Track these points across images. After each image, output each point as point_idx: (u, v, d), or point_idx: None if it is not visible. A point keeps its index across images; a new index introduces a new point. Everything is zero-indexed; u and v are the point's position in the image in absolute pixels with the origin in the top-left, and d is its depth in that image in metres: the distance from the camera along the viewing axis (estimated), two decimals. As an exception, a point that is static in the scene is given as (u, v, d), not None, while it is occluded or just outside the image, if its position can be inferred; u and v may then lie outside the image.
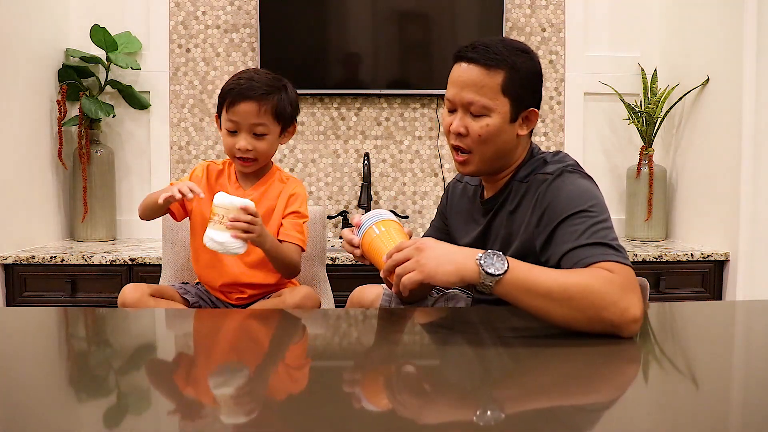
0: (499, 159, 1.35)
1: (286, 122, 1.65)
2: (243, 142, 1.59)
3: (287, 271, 1.64)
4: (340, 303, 1.83)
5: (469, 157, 1.33)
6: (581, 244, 1.17)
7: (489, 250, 1.12)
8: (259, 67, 2.73)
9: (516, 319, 1.26)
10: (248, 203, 1.44)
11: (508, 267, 1.09)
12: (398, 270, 1.13)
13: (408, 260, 1.12)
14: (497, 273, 1.09)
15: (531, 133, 1.39)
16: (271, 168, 1.73)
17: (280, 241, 1.65)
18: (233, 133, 1.60)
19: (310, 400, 0.85)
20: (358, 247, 1.31)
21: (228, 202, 1.43)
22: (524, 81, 1.31)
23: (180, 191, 1.48)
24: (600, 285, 1.08)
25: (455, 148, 1.35)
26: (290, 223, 1.68)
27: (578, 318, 1.07)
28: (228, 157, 1.70)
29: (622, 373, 0.99)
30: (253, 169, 1.66)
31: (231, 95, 1.58)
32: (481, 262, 1.10)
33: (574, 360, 1.02)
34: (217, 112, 1.67)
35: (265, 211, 1.66)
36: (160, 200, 1.48)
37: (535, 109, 1.34)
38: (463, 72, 1.29)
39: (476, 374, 0.94)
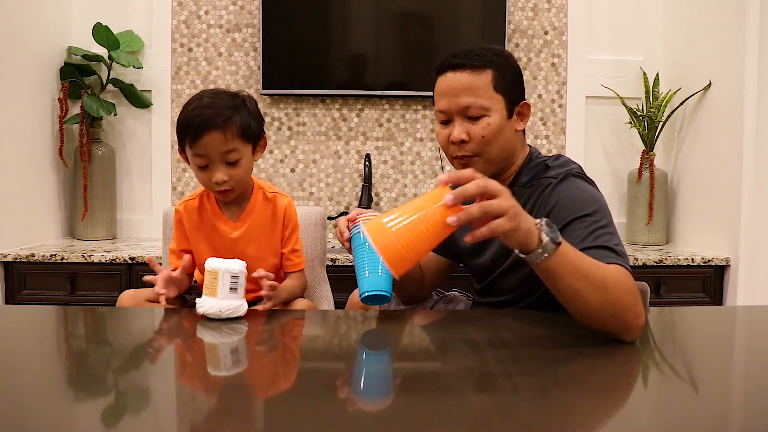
0: (504, 158, 1.35)
1: (256, 139, 1.51)
2: (219, 174, 1.45)
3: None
4: (339, 304, 1.83)
5: (474, 160, 1.33)
6: (585, 248, 1.17)
7: (542, 218, 1.05)
8: (261, 66, 2.73)
9: (516, 322, 1.26)
10: (243, 263, 1.30)
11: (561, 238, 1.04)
12: (489, 205, 0.95)
13: (498, 197, 0.97)
14: (557, 242, 1.02)
15: (523, 130, 1.41)
16: (253, 187, 1.60)
17: (286, 272, 1.63)
18: (204, 167, 1.46)
19: (307, 402, 0.84)
20: (347, 241, 1.35)
21: (229, 266, 1.27)
22: (512, 77, 1.34)
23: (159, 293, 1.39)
24: (625, 285, 1.08)
25: (457, 158, 1.34)
26: (291, 253, 1.62)
27: (605, 311, 1.05)
28: (191, 193, 1.62)
29: (623, 378, 0.99)
30: (234, 196, 1.53)
31: (191, 130, 1.43)
32: (542, 229, 1.02)
33: (575, 364, 1.02)
34: (179, 147, 1.52)
35: (259, 238, 1.59)
36: (163, 303, 1.39)
37: (527, 102, 1.36)
38: (452, 80, 1.31)
39: (476, 377, 0.93)
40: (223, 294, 1.25)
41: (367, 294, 1.24)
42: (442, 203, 0.92)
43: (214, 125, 1.42)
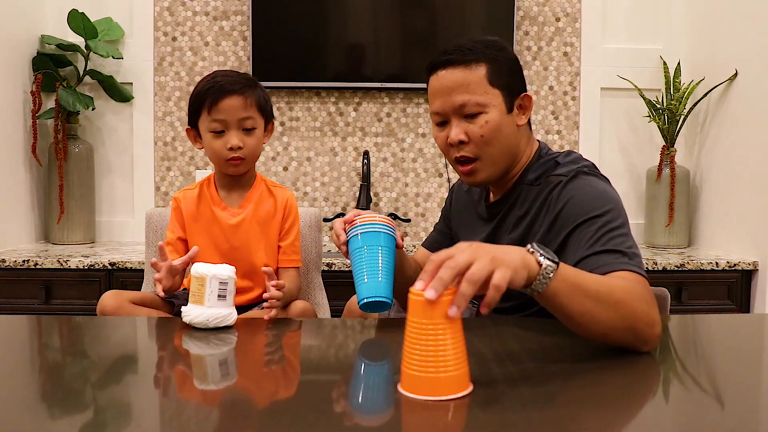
0: (508, 156, 1.36)
1: (268, 117, 1.69)
2: (234, 139, 1.61)
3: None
4: (336, 312, 1.83)
5: (477, 164, 1.34)
6: (596, 252, 1.17)
7: (531, 242, 1.02)
8: (250, 57, 2.74)
9: (523, 330, 1.26)
10: (232, 268, 1.31)
11: (558, 258, 1.01)
12: (472, 275, 0.89)
13: (474, 261, 0.91)
14: (556, 261, 0.99)
15: (530, 122, 1.42)
16: (256, 177, 1.75)
17: (280, 268, 1.71)
18: (219, 133, 1.62)
19: (302, 417, 0.85)
20: (344, 245, 1.32)
21: (217, 271, 1.27)
22: (508, 69, 1.35)
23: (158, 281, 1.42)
24: (636, 294, 1.08)
25: (459, 161, 1.36)
26: (289, 247, 1.72)
27: (618, 327, 1.05)
28: (192, 183, 1.74)
29: (639, 391, 0.99)
30: (244, 170, 1.68)
31: (212, 94, 1.60)
32: (536, 252, 0.99)
33: (589, 376, 1.02)
34: (189, 124, 1.68)
35: (258, 228, 1.70)
36: (161, 293, 1.42)
37: (527, 93, 1.37)
38: (444, 78, 1.33)
39: (481, 389, 0.94)
40: (210, 302, 1.26)
41: (366, 301, 1.24)
42: (427, 303, 0.88)
43: (236, 90, 1.61)
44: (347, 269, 2.37)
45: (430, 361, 0.87)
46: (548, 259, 0.99)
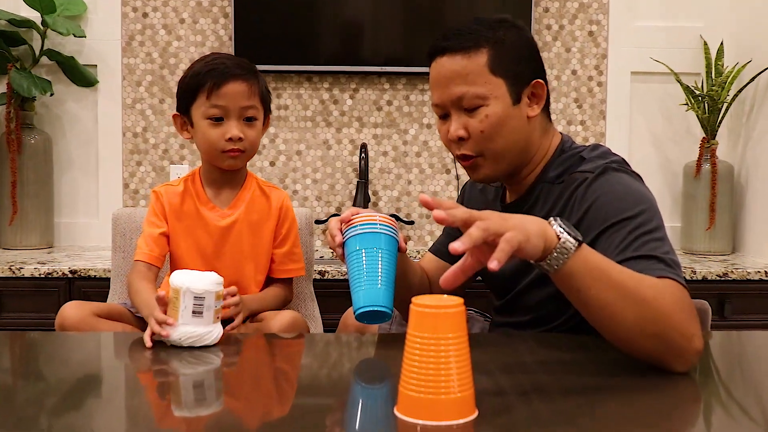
0: (517, 152, 1.36)
1: (267, 110, 1.71)
2: (235, 129, 1.61)
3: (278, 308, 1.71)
4: (330, 326, 1.83)
5: (478, 160, 1.35)
6: (627, 257, 1.17)
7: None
8: (233, 37, 2.74)
9: (540, 347, 1.26)
10: (216, 279, 1.29)
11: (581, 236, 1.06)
12: (484, 222, 0.99)
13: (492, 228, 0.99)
14: (578, 239, 1.04)
15: (548, 112, 1.41)
16: (247, 176, 1.76)
17: (274, 278, 1.75)
18: (218, 121, 1.62)
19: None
20: (340, 247, 1.30)
21: (192, 284, 1.25)
22: (515, 53, 1.34)
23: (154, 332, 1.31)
24: (672, 297, 1.08)
25: (460, 157, 1.37)
26: (286, 255, 1.75)
27: (644, 329, 1.05)
28: (180, 176, 1.75)
29: (677, 416, 0.99)
30: (241, 164, 1.69)
31: (214, 76, 1.60)
32: (555, 224, 1.04)
33: (616, 397, 1.02)
34: (180, 110, 1.68)
35: (251, 230, 1.71)
36: (148, 344, 1.27)
37: (541, 80, 1.37)
38: (441, 67, 1.35)
39: (492, 406, 0.93)
40: (184, 318, 1.25)
41: (362, 310, 1.24)
42: (431, 315, 0.89)
43: (241, 75, 1.62)
44: (342, 277, 2.36)
45: (431, 380, 0.87)
46: (569, 234, 1.03)
